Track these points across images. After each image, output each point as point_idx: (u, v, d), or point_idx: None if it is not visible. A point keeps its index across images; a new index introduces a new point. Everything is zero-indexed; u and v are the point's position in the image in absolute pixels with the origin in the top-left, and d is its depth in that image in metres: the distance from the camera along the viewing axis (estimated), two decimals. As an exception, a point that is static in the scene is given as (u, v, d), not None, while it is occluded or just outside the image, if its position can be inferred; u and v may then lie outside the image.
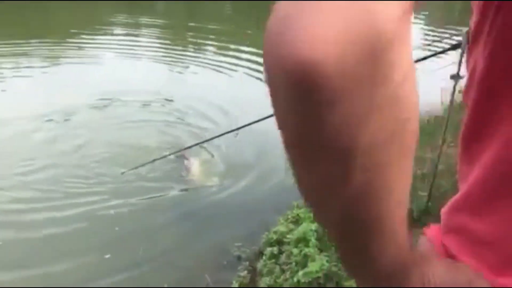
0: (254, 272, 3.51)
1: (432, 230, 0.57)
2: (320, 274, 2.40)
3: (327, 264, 2.47)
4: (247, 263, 3.65)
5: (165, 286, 3.21)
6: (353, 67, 0.28)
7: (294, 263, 2.95)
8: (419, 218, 2.70)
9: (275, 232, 3.90)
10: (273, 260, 3.24)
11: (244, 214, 4.30)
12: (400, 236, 0.39)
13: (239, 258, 3.77)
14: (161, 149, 5.12)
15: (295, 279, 2.43)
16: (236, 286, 3.26)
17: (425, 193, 2.86)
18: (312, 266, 2.47)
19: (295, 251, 3.07)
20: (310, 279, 2.39)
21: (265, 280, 3.01)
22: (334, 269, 2.45)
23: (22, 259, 3.67)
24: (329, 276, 2.43)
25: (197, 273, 3.58)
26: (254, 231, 3.98)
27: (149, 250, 3.78)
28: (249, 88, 7.12)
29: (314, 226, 3.23)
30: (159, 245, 3.86)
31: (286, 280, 2.73)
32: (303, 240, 3.13)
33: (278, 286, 2.89)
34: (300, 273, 2.45)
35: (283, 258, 3.26)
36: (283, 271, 3.05)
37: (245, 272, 3.47)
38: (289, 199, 4.30)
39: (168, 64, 8.71)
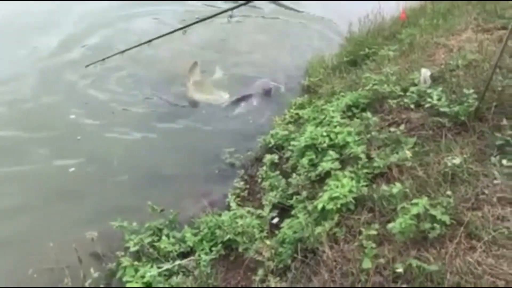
0: (252, 183, 3.03)
1: None
2: (350, 199, 1.90)
3: (356, 185, 1.96)
4: (242, 171, 3.15)
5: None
6: None
7: (305, 177, 2.44)
8: (466, 125, 2.16)
9: (272, 136, 3.35)
10: (277, 172, 2.73)
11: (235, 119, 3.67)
12: None
13: (232, 165, 3.26)
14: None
15: (318, 206, 1.92)
16: (233, 199, 2.78)
17: (472, 91, 2.28)
18: (338, 188, 1.94)
19: (304, 161, 2.54)
20: (338, 206, 1.88)
21: (269, 197, 2.52)
22: (367, 191, 1.94)
23: None
24: (361, 201, 1.93)
25: (185, 185, 3.08)
26: (248, 135, 3.42)
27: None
28: None
29: (324, 130, 2.65)
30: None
31: (299, 201, 2.24)
32: (311, 148, 2.59)
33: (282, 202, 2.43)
34: (325, 196, 1.93)
35: (288, 169, 2.76)
36: (288, 185, 2.57)
37: (242, 183, 2.99)
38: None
39: None
